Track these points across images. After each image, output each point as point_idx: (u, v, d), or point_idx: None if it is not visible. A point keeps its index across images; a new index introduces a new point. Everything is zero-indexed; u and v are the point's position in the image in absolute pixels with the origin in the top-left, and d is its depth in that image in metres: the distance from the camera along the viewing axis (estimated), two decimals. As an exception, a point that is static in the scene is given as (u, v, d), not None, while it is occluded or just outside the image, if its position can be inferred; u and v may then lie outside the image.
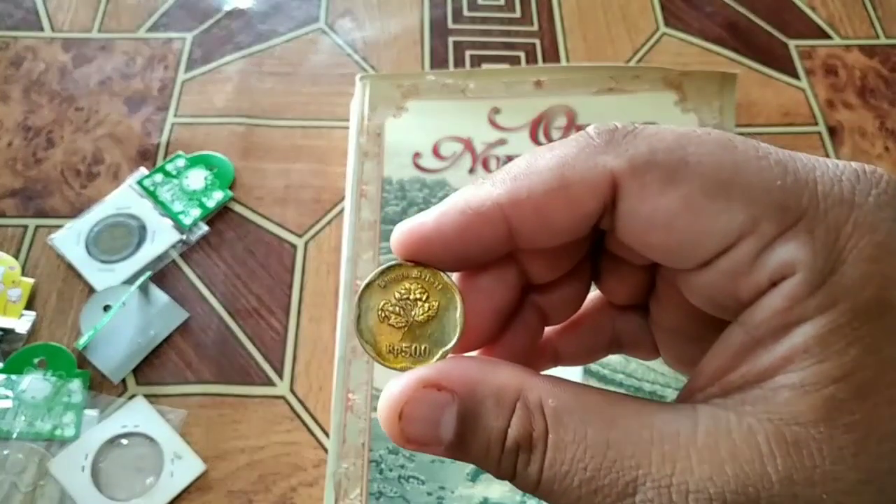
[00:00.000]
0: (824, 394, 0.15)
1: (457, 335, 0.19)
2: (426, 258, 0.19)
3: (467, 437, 0.17)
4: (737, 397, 0.16)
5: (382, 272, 0.19)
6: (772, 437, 0.15)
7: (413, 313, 0.19)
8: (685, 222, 0.17)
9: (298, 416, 0.43)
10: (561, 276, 0.21)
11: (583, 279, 0.22)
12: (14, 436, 0.41)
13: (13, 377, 0.43)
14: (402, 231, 0.19)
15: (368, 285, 0.19)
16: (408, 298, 0.19)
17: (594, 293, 0.23)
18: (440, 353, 0.19)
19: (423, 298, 0.19)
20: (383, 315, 0.19)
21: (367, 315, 0.19)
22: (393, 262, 0.19)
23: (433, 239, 0.18)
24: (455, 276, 0.20)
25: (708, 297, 0.18)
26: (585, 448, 0.16)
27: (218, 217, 0.50)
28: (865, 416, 0.15)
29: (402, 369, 0.19)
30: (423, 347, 0.19)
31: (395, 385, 0.18)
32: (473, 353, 0.21)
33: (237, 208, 0.51)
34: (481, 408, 0.17)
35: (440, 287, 0.19)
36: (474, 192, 0.18)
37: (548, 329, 0.23)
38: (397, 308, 0.19)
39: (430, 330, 0.19)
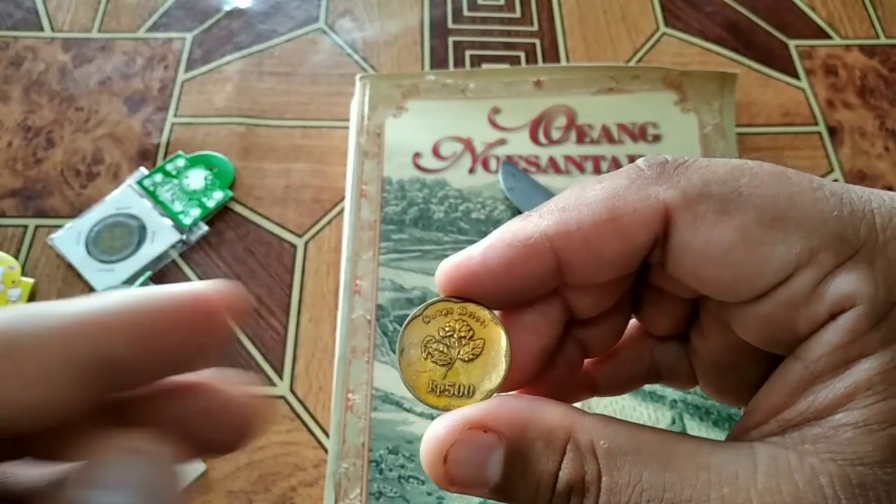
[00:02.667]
0: (890, 433, 0.15)
1: (503, 374, 0.18)
2: (473, 294, 0.18)
3: (515, 480, 0.16)
4: (795, 435, 0.16)
5: (427, 307, 0.19)
6: (836, 479, 0.15)
7: (457, 351, 0.19)
8: (741, 254, 0.16)
9: (298, 416, 0.43)
10: (602, 312, 0.21)
11: (624, 311, 0.22)
12: (14, 436, 0.41)
13: (13, 377, 0.43)
14: (449, 267, 0.18)
15: (412, 320, 0.19)
16: (451, 336, 0.19)
17: (633, 324, 0.23)
18: (485, 392, 0.18)
19: (468, 336, 0.19)
20: (426, 352, 0.19)
21: (410, 351, 0.19)
22: (437, 298, 0.19)
23: (480, 274, 0.18)
24: (498, 312, 0.20)
25: (761, 330, 0.17)
26: (641, 491, 0.15)
27: (218, 217, 0.50)
28: None
29: (445, 408, 0.18)
30: (466, 386, 0.19)
31: (439, 426, 0.17)
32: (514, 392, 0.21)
33: (237, 208, 0.51)
34: (530, 450, 0.16)
35: (485, 324, 0.19)
36: (522, 225, 0.18)
37: (586, 361, 0.23)
38: (441, 346, 0.19)
39: (474, 368, 0.19)
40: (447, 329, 0.19)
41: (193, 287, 0.15)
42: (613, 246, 0.17)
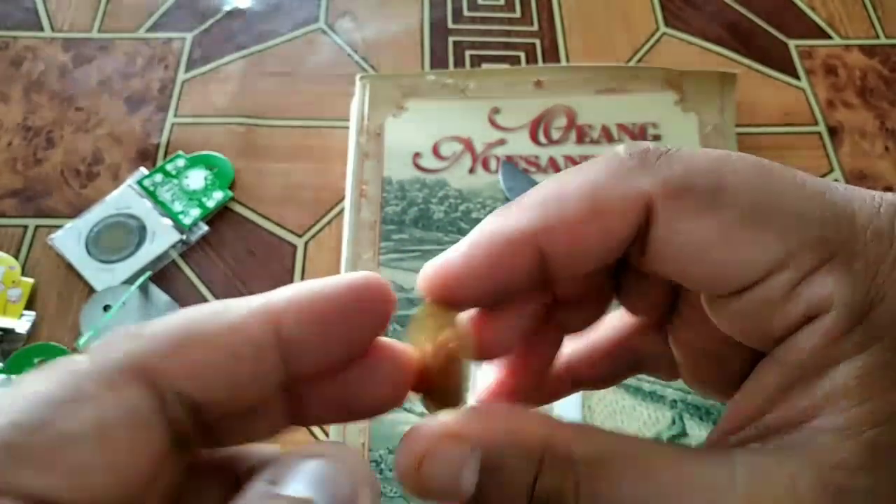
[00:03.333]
0: (867, 438, 0.14)
1: (470, 385, 0.18)
2: (457, 296, 0.18)
3: (490, 490, 0.16)
4: (774, 441, 0.16)
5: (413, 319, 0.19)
6: (815, 485, 0.14)
7: (433, 358, 0.19)
8: (720, 251, 0.16)
9: (298, 416, 0.43)
10: (583, 293, 0.21)
11: (604, 291, 0.21)
12: (14, 436, 0.41)
13: (13, 377, 0.43)
14: (430, 271, 0.18)
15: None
16: (429, 343, 0.19)
17: (614, 315, 0.23)
18: (462, 400, 0.18)
19: (443, 343, 0.19)
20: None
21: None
22: (418, 310, 0.19)
23: (463, 275, 0.18)
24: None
25: (737, 325, 0.17)
26: (619, 503, 0.15)
27: (218, 217, 0.50)
28: None
29: (423, 414, 0.18)
30: (443, 394, 0.18)
31: (413, 435, 0.17)
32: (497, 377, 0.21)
33: (237, 208, 0.51)
34: (506, 461, 0.16)
35: (459, 332, 0.19)
36: (502, 222, 0.18)
37: (568, 355, 0.23)
38: (420, 353, 0.19)
39: (451, 375, 0.18)
40: (425, 338, 0.19)
41: (354, 275, 0.17)
42: (596, 239, 0.17)
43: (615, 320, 0.23)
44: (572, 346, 0.23)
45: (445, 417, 0.17)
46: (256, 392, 0.16)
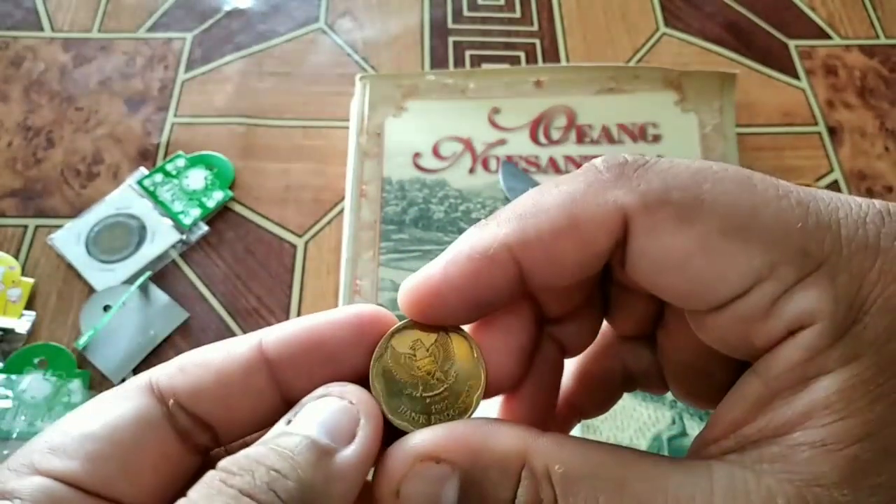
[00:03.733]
0: (847, 453, 0.14)
1: (482, 383, 0.18)
2: (437, 312, 0.18)
3: None
4: (753, 453, 0.15)
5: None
6: (792, 500, 0.14)
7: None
8: (699, 264, 0.16)
9: (298, 416, 0.43)
10: (573, 308, 0.20)
11: (596, 307, 0.21)
12: (14, 436, 0.41)
13: (13, 377, 0.43)
14: (409, 288, 0.18)
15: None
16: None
17: (601, 335, 0.23)
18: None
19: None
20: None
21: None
22: (399, 325, 0.19)
23: (443, 291, 0.18)
24: (467, 327, 0.19)
25: (720, 338, 0.17)
26: None
27: (218, 217, 0.50)
28: (892, 476, 0.14)
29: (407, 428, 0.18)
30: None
31: (390, 458, 0.16)
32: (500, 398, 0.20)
33: (237, 208, 0.51)
34: (484, 478, 0.16)
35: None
36: (479, 236, 0.18)
37: (563, 390, 0.23)
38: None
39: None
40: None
41: (339, 311, 0.19)
42: (573, 252, 0.17)
43: (603, 340, 0.23)
44: (566, 382, 0.23)
45: (419, 437, 0.16)
46: (250, 405, 0.18)
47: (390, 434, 0.18)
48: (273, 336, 0.18)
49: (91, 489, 0.16)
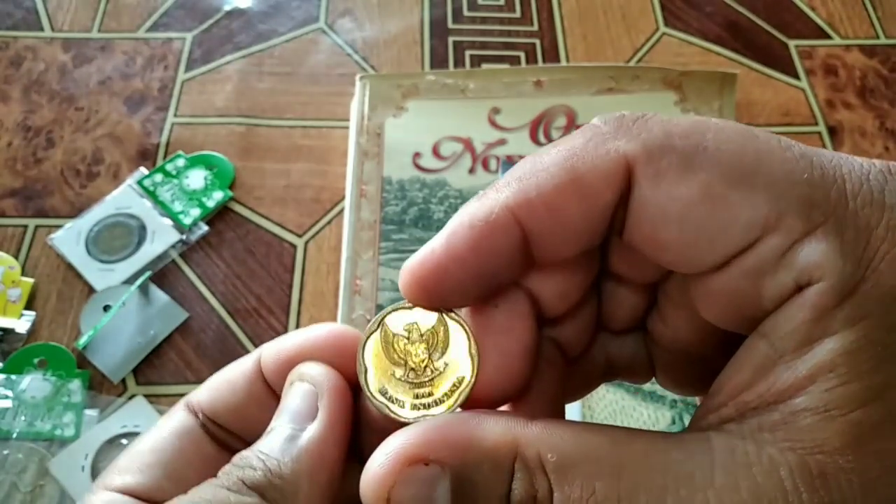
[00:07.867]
0: (851, 418, 0.14)
1: (474, 372, 0.18)
2: (441, 289, 0.17)
3: None
4: (753, 421, 0.15)
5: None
6: (796, 470, 0.14)
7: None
8: (704, 213, 0.15)
9: (298, 416, 0.43)
10: (572, 306, 0.20)
11: (592, 306, 0.21)
12: (14, 436, 0.41)
13: (13, 377, 0.43)
14: (411, 266, 0.17)
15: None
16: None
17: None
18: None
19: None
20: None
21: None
22: (398, 305, 0.18)
23: (447, 264, 0.17)
24: (465, 311, 0.19)
25: (724, 305, 0.17)
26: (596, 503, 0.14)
27: (218, 217, 0.50)
28: None
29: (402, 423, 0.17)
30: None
31: (376, 465, 0.15)
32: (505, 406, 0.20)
33: (237, 208, 0.51)
34: (476, 474, 0.15)
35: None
36: (479, 205, 0.17)
37: None
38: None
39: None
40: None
41: (317, 328, 0.21)
42: (577, 208, 0.16)
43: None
44: None
45: (404, 438, 0.16)
46: (256, 411, 0.20)
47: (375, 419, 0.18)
48: (268, 348, 0.20)
49: (144, 496, 0.18)
